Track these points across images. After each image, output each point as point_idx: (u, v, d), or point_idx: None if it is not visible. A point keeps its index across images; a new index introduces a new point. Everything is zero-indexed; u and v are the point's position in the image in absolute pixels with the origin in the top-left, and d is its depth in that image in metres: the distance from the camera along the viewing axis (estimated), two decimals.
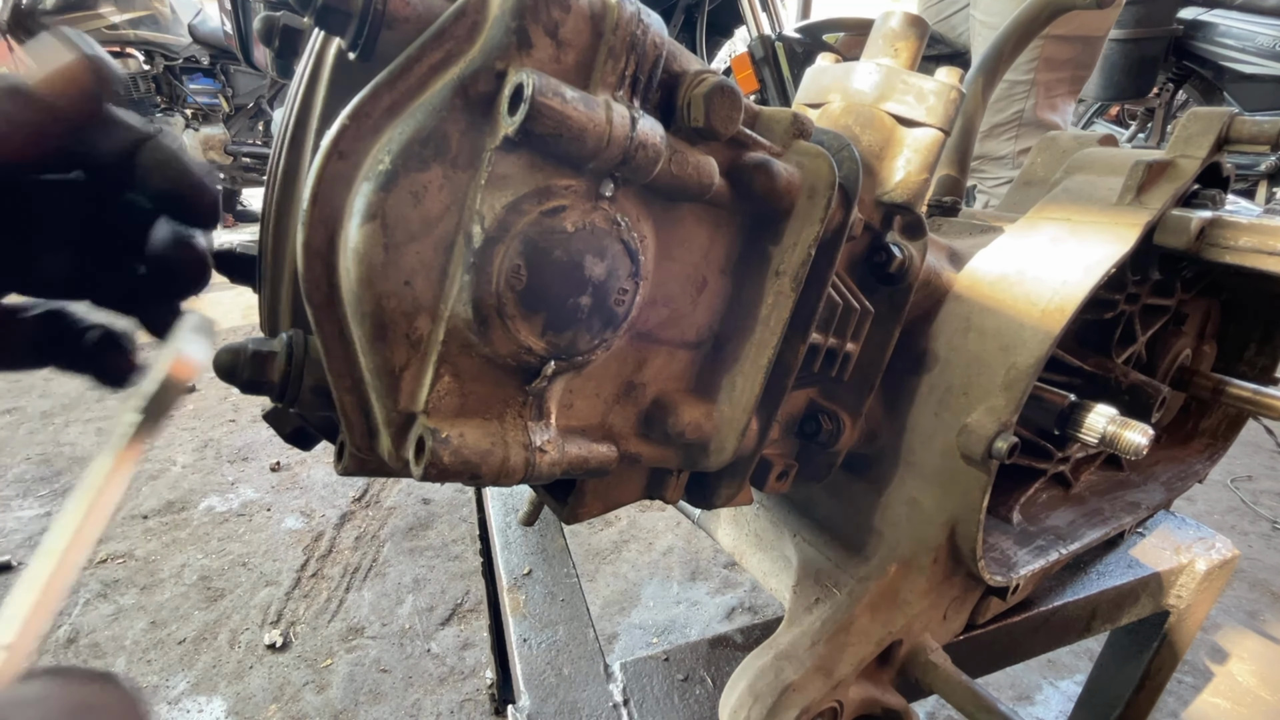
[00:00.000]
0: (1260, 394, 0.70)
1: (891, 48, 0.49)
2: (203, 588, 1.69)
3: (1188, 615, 0.81)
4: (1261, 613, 1.72)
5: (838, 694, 0.48)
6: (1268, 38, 3.19)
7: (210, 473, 2.16)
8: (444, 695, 1.43)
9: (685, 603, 1.72)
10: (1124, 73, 3.58)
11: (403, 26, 0.27)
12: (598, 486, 0.41)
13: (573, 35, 0.28)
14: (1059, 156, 0.69)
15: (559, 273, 0.30)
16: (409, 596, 1.69)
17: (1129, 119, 4.57)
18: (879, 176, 0.48)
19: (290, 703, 1.40)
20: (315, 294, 0.28)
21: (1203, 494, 2.20)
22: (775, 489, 0.51)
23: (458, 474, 0.29)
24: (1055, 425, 0.53)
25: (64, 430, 2.34)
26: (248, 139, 4.76)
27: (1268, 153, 0.58)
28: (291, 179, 0.32)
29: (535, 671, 0.62)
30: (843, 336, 0.45)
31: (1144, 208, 0.55)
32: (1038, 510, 0.66)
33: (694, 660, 0.63)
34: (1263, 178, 3.23)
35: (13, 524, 1.87)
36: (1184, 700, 1.46)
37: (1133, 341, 0.66)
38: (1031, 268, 0.53)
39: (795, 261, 0.37)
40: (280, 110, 0.33)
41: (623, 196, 0.31)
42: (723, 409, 0.40)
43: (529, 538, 0.81)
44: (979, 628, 0.63)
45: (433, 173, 0.27)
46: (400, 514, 2.00)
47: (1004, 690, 1.49)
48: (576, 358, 0.32)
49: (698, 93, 0.32)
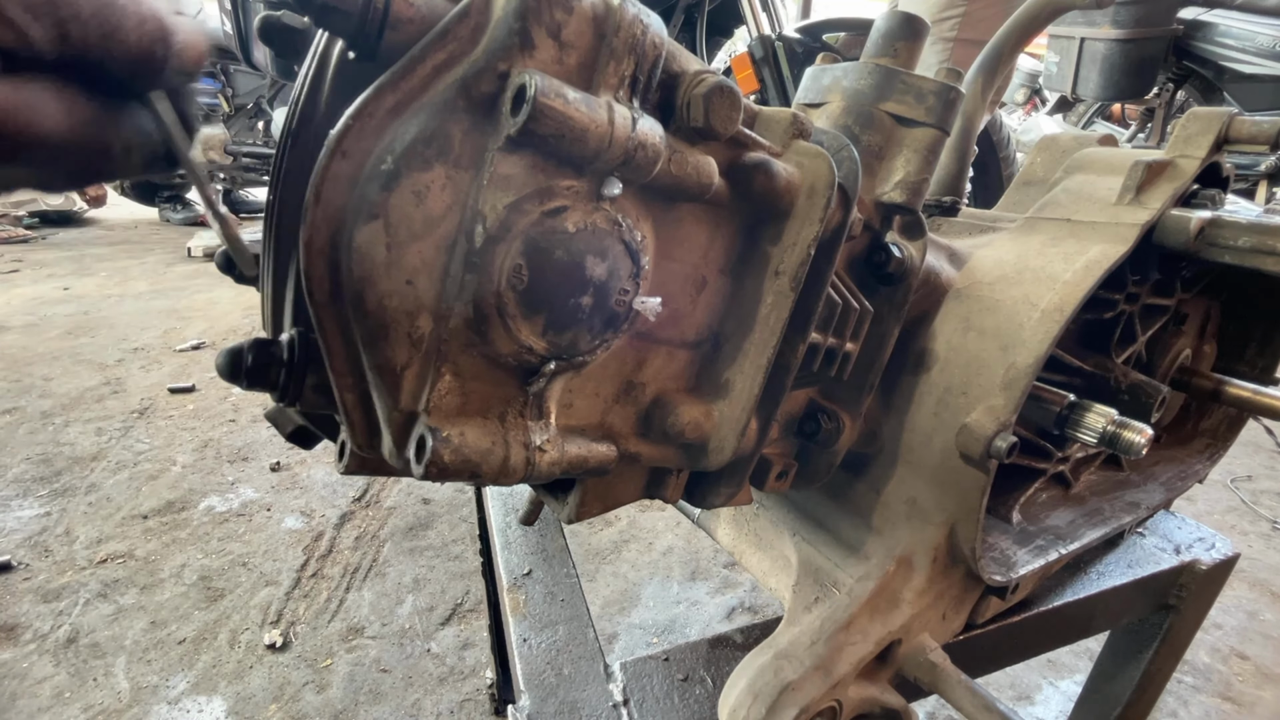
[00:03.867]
0: (1260, 394, 0.70)
1: (891, 48, 0.49)
2: (203, 588, 1.69)
3: (1188, 615, 0.81)
4: (1261, 613, 1.73)
5: (837, 693, 0.48)
6: (1268, 38, 3.19)
7: (210, 472, 2.16)
8: (444, 695, 1.43)
9: (685, 603, 1.73)
10: (1124, 73, 3.59)
11: (406, 27, 0.27)
12: (597, 486, 0.41)
13: (575, 37, 0.28)
14: (1059, 156, 0.69)
15: (560, 273, 0.30)
16: (409, 596, 1.70)
17: (1129, 119, 4.58)
18: (878, 176, 0.48)
19: (290, 703, 1.40)
20: (318, 293, 0.28)
21: (1203, 494, 2.20)
22: (775, 488, 0.51)
23: (458, 473, 0.29)
24: (1055, 425, 0.53)
25: (64, 430, 2.34)
26: (248, 139, 4.77)
27: (1267, 153, 0.58)
28: (295, 178, 0.33)
29: (535, 671, 0.62)
30: (842, 336, 0.46)
31: (1143, 208, 0.55)
32: (1037, 510, 0.66)
33: (694, 660, 0.63)
34: (1263, 178, 3.23)
35: (13, 524, 1.87)
36: (1184, 700, 1.47)
37: (1132, 341, 0.66)
38: (1031, 267, 0.53)
39: (795, 261, 0.38)
40: (282, 109, 0.33)
41: (622, 197, 0.31)
42: (722, 408, 0.40)
43: (529, 538, 0.81)
44: (978, 627, 0.63)
45: (435, 172, 0.27)
46: (400, 514, 2.00)
47: (1004, 690, 1.49)
48: (577, 358, 0.32)
49: (697, 93, 0.32)
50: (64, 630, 1.54)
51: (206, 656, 1.49)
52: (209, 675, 1.45)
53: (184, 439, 2.33)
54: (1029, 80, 4.88)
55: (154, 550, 1.81)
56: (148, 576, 1.72)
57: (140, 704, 1.38)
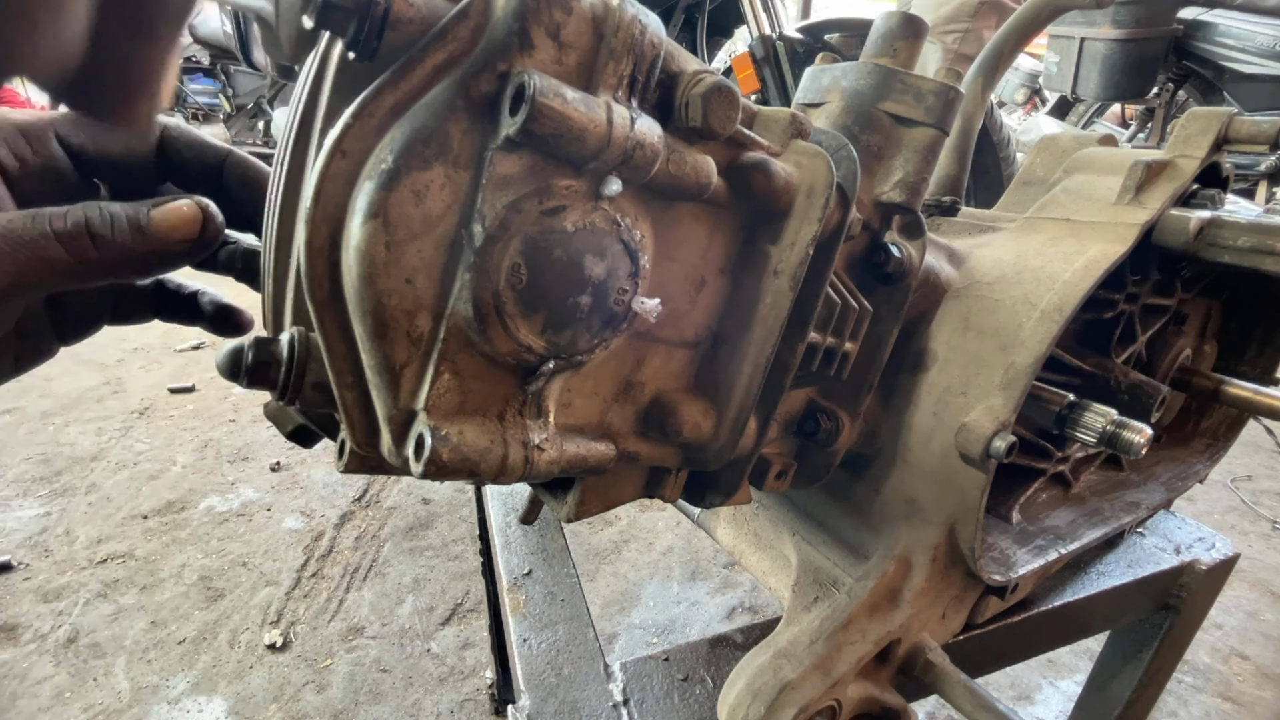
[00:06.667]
0: (1260, 394, 0.70)
1: (890, 48, 0.49)
2: (203, 588, 1.69)
3: (1188, 615, 0.81)
4: (1261, 613, 1.73)
5: (836, 692, 0.48)
6: (1268, 38, 3.19)
7: (210, 473, 2.16)
8: (444, 695, 1.43)
9: (685, 602, 1.73)
10: (1124, 73, 3.59)
11: (406, 27, 0.27)
12: (596, 485, 0.41)
13: (574, 37, 0.28)
14: (1058, 156, 0.69)
15: (559, 272, 0.30)
16: (409, 596, 1.70)
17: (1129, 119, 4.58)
18: (877, 176, 0.48)
19: (290, 703, 1.40)
20: (317, 291, 0.28)
21: (1203, 494, 2.20)
22: (774, 488, 0.51)
23: (457, 471, 0.29)
24: (1054, 425, 0.53)
25: (64, 430, 2.35)
26: (248, 139, 4.77)
27: (1267, 152, 0.58)
28: (295, 177, 0.33)
29: (535, 671, 0.62)
30: (841, 336, 0.46)
31: (1143, 207, 0.55)
32: (1037, 510, 0.66)
33: (694, 660, 0.63)
34: (1263, 178, 3.24)
35: (13, 524, 1.88)
36: (1184, 700, 1.47)
37: (1133, 341, 0.66)
38: (1030, 267, 0.53)
39: (793, 261, 0.38)
40: (282, 110, 0.33)
41: (621, 196, 0.31)
42: (721, 408, 0.40)
43: (529, 538, 0.81)
44: (978, 627, 0.63)
45: (434, 172, 0.27)
46: (400, 514, 2.01)
47: (1004, 690, 1.49)
48: (575, 357, 0.32)
49: (695, 92, 0.32)
50: (64, 630, 1.54)
51: (206, 656, 1.49)
52: (209, 675, 1.45)
53: (184, 439, 2.33)
54: (1029, 80, 4.88)
55: (154, 550, 1.81)
56: (148, 576, 1.72)
57: (140, 704, 1.38)
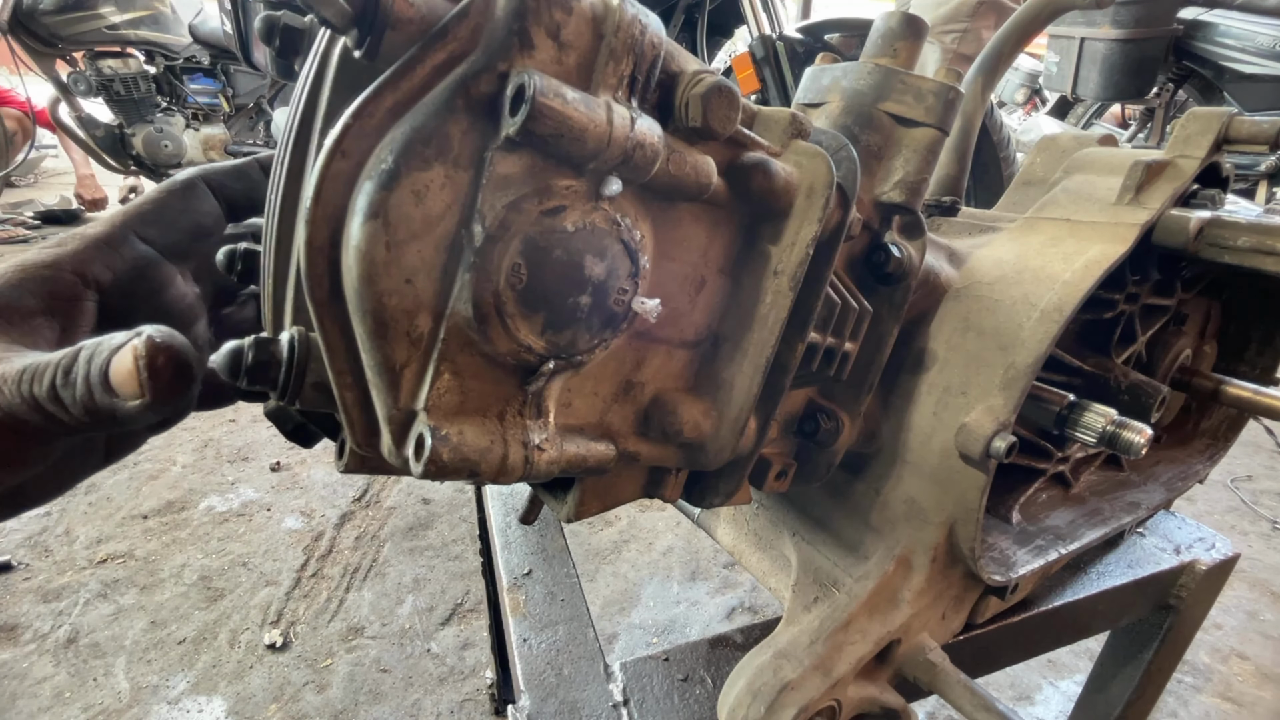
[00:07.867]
0: (1260, 394, 0.70)
1: (890, 48, 0.49)
2: (203, 588, 1.69)
3: (1188, 615, 0.81)
4: (1261, 613, 1.73)
5: (836, 693, 0.48)
6: (1268, 38, 3.19)
7: (210, 472, 2.16)
8: (444, 695, 1.43)
9: (685, 603, 1.73)
10: (1124, 73, 3.59)
11: (406, 27, 0.27)
12: (596, 485, 0.41)
13: (574, 37, 0.28)
14: (1058, 156, 0.69)
15: (559, 272, 0.30)
16: (409, 596, 1.70)
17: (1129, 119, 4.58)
18: (877, 176, 0.48)
19: (290, 703, 1.40)
20: (317, 291, 0.28)
21: (1203, 494, 2.20)
22: (774, 488, 0.51)
23: (457, 471, 0.29)
24: (1054, 425, 0.53)
25: None
26: (248, 139, 4.76)
27: (1267, 153, 0.58)
28: (295, 177, 0.33)
29: (535, 671, 0.62)
30: (841, 336, 0.46)
31: (1143, 208, 0.55)
32: (1037, 510, 0.66)
33: (694, 660, 0.63)
34: (1263, 178, 3.23)
35: (13, 524, 1.88)
36: (1184, 700, 1.47)
37: (1132, 341, 0.66)
38: (1030, 267, 0.53)
39: (793, 261, 0.38)
40: (282, 110, 0.33)
41: (621, 196, 0.32)
42: (721, 408, 0.40)
43: (529, 538, 0.81)
44: (978, 627, 0.63)
45: (434, 172, 0.27)
46: (400, 514, 2.01)
47: (1004, 690, 1.49)
48: (575, 357, 0.32)
49: (695, 92, 0.32)
50: (64, 630, 1.54)
51: (206, 656, 1.49)
52: (209, 675, 1.45)
53: (184, 439, 2.33)
54: (1029, 80, 4.88)
55: (154, 550, 1.81)
56: (148, 576, 1.72)
57: (140, 704, 1.38)
